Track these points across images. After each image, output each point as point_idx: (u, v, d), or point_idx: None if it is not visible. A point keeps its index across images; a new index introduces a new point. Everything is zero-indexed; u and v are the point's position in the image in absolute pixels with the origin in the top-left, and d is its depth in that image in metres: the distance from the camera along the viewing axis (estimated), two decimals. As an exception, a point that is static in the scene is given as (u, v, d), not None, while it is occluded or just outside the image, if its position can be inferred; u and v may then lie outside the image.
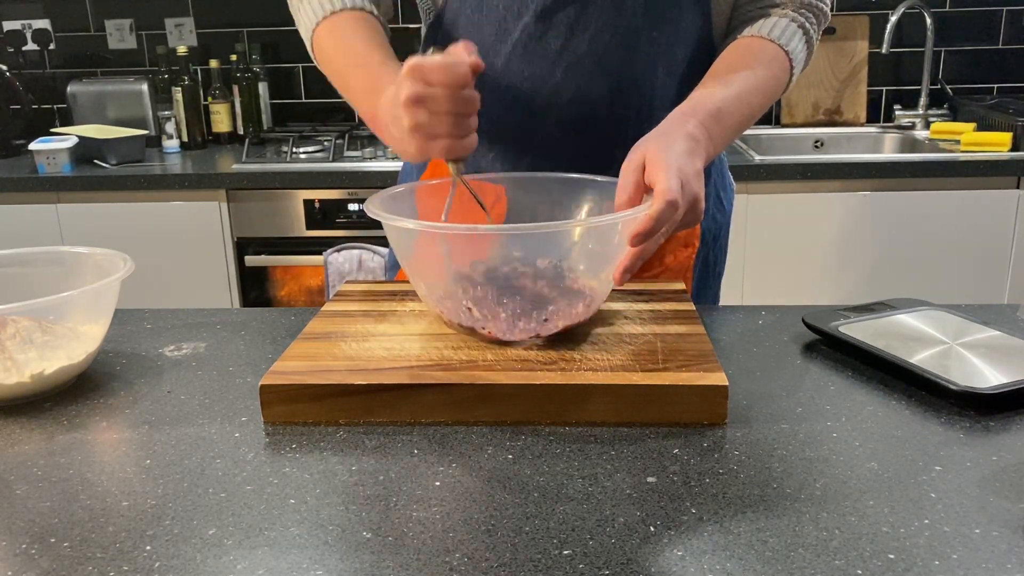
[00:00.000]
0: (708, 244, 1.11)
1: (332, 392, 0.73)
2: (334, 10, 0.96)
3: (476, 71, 0.78)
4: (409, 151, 0.82)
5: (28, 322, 0.80)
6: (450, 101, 0.77)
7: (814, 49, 1.01)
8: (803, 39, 0.98)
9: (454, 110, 0.78)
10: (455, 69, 0.76)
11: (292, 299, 2.44)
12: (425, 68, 0.76)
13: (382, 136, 0.88)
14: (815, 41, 1.00)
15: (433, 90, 0.77)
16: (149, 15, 2.84)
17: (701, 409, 0.72)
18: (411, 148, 0.81)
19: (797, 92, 2.69)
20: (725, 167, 1.16)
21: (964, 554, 0.55)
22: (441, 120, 0.78)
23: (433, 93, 0.77)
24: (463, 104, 0.78)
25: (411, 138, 0.79)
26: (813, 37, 1.00)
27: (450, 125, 0.79)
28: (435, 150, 0.80)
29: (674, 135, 0.83)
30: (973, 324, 0.87)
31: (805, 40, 0.98)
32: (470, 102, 0.78)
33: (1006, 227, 2.22)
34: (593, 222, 0.84)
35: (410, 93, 0.77)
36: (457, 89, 0.77)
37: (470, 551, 0.56)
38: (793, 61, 0.97)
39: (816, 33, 1.00)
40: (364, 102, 0.91)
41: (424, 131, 0.79)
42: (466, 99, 0.78)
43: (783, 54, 0.96)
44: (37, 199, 2.34)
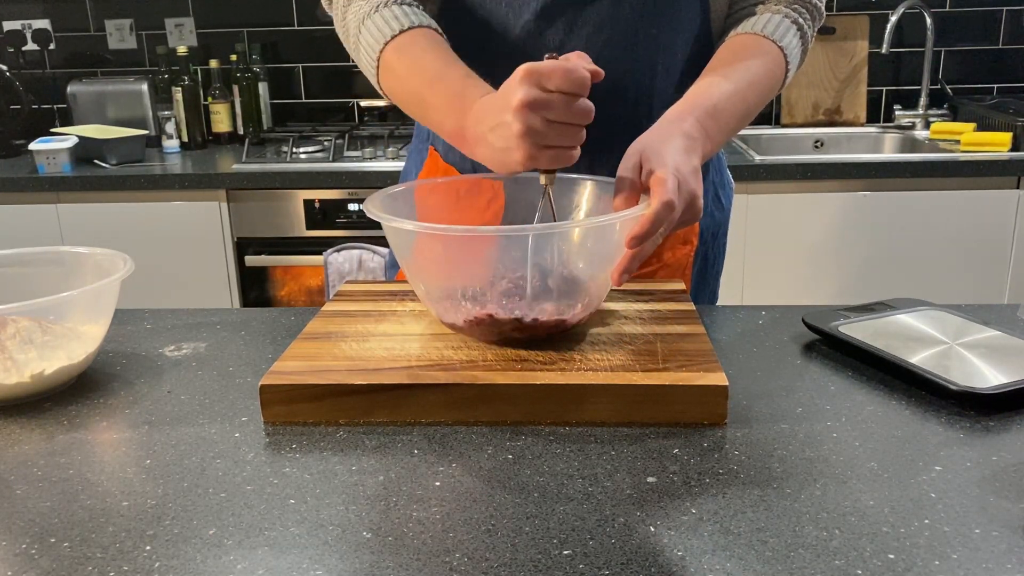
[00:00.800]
0: (707, 242, 1.11)
1: (332, 392, 0.73)
2: (402, 29, 0.91)
3: (596, 79, 0.75)
4: (513, 159, 0.77)
5: (28, 322, 0.80)
6: (567, 109, 0.74)
7: (809, 45, 1.01)
8: (797, 34, 0.98)
9: (569, 119, 0.75)
10: (575, 75, 0.73)
11: (292, 299, 2.44)
12: (544, 72, 0.73)
13: (472, 150, 0.84)
14: (810, 36, 1.00)
15: (550, 96, 0.73)
16: (149, 15, 2.84)
17: (701, 409, 0.72)
18: (518, 155, 0.76)
19: (797, 92, 2.69)
20: (724, 165, 1.16)
21: (964, 554, 0.55)
22: (555, 128, 0.75)
23: (550, 99, 0.73)
24: (579, 114, 0.75)
25: (520, 144, 0.75)
26: (807, 32, 0.99)
27: (563, 134, 0.75)
28: (543, 159, 0.77)
29: (671, 134, 0.83)
30: (973, 324, 0.87)
31: (799, 35, 0.98)
32: (586, 112, 0.75)
33: (1006, 227, 2.22)
34: (590, 223, 0.84)
35: (526, 97, 0.73)
36: (575, 97, 0.74)
37: (470, 551, 0.56)
38: (788, 57, 0.97)
39: (811, 28, 1.00)
40: (447, 116, 0.87)
41: (535, 138, 0.75)
42: (582, 109, 0.75)
43: (777, 50, 0.96)
44: (37, 199, 2.34)
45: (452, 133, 0.87)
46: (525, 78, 0.74)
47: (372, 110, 2.82)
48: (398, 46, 0.91)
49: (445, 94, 0.87)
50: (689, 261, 1.08)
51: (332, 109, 2.87)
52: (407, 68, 0.91)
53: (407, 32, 0.91)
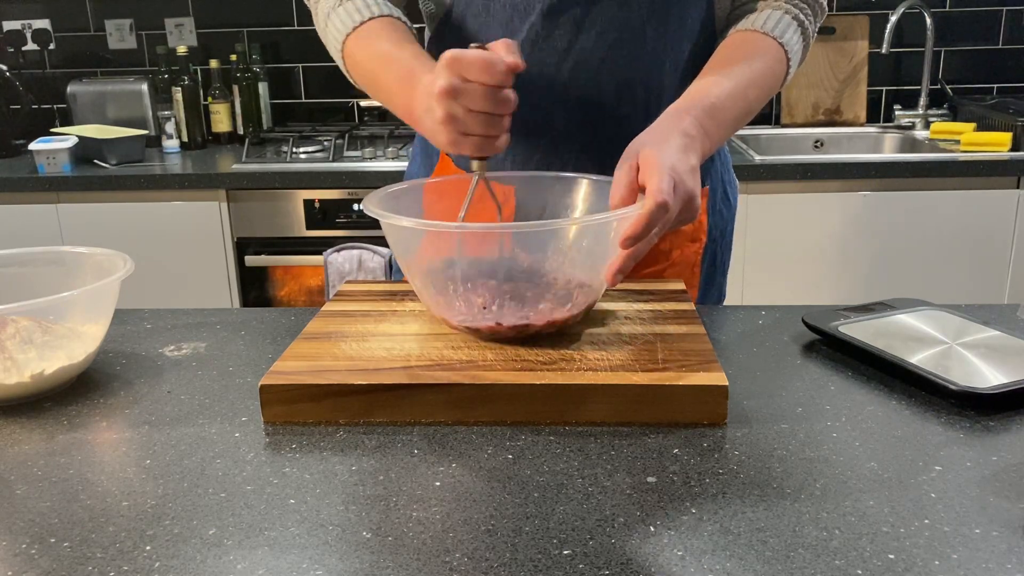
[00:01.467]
0: (715, 240, 1.11)
1: (332, 392, 0.73)
2: (362, 20, 0.95)
3: (514, 71, 0.76)
4: (440, 141, 0.81)
5: (28, 322, 0.80)
6: (485, 99, 0.76)
7: (811, 41, 1.00)
8: (798, 31, 0.97)
9: (488, 109, 0.77)
10: (494, 67, 0.75)
11: (292, 299, 2.44)
12: (464, 61, 0.75)
13: (418, 127, 0.87)
14: (812, 33, 1.00)
15: (469, 85, 0.76)
16: (149, 15, 2.84)
17: (701, 409, 0.72)
18: (441, 139, 0.80)
19: (797, 92, 2.69)
20: (729, 163, 1.16)
21: (964, 554, 0.55)
22: (474, 117, 0.77)
23: (469, 88, 0.76)
24: (498, 104, 0.77)
25: (443, 130, 0.78)
26: (809, 29, 0.99)
27: (483, 123, 0.78)
28: (466, 146, 0.79)
29: (668, 133, 0.83)
30: (973, 324, 0.87)
31: (800, 32, 0.98)
32: (505, 102, 0.77)
33: (1006, 227, 2.22)
34: (584, 221, 0.84)
35: (445, 85, 0.76)
36: (494, 88, 0.76)
37: (470, 551, 0.56)
38: (789, 53, 0.96)
39: (813, 25, 0.99)
40: (398, 94, 0.90)
41: (456, 125, 0.78)
42: (502, 99, 0.77)
43: (778, 46, 0.96)
44: (37, 199, 2.34)
45: (402, 111, 0.90)
46: (446, 66, 0.76)
47: (372, 110, 2.82)
48: (358, 36, 0.95)
49: (396, 74, 0.90)
50: (698, 259, 1.08)
51: (332, 109, 2.87)
52: (365, 54, 0.95)
53: (368, 22, 0.95)
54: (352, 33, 0.95)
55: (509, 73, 0.76)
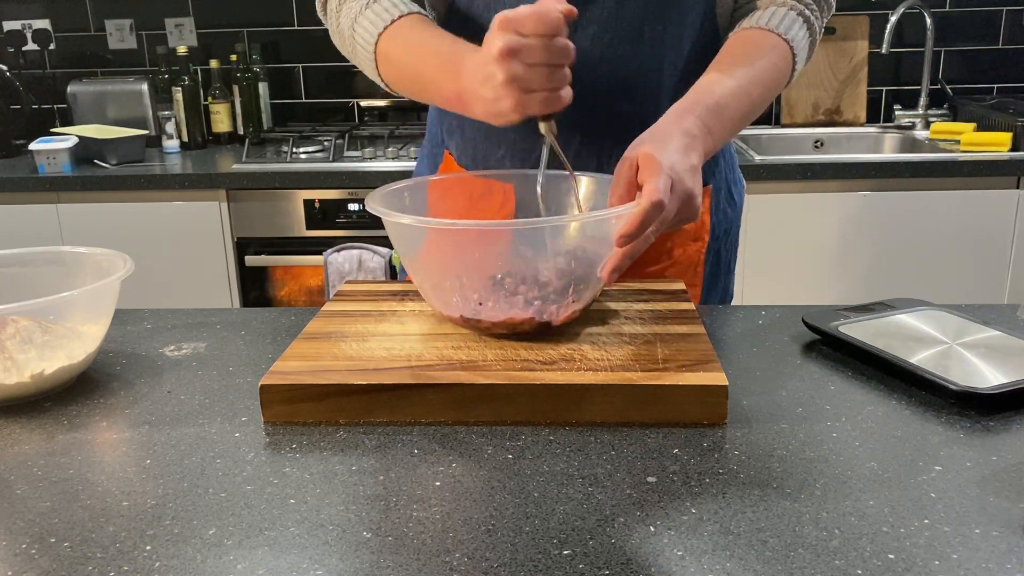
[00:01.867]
0: (719, 238, 1.10)
1: (332, 392, 0.73)
2: (392, 19, 0.93)
3: (569, 17, 0.76)
4: (504, 108, 0.79)
5: (28, 322, 0.80)
6: (545, 51, 0.75)
7: (818, 38, 1.00)
8: (804, 27, 0.97)
9: (549, 60, 0.76)
10: (548, 16, 0.74)
11: (292, 299, 2.44)
12: (517, 18, 0.75)
13: (470, 108, 0.84)
14: (818, 29, 0.99)
15: (527, 40, 0.75)
16: (149, 15, 2.84)
17: (701, 409, 0.72)
18: (507, 104, 0.78)
19: (797, 92, 2.69)
20: (735, 162, 1.15)
21: (964, 554, 0.55)
22: (537, 71, 0.76)
23: (527, 43, 0.75)
24: (558, 54, 0.76)
25: (507, 93, 0.77)
26: (815, 26, 0.98)
27: (546, 76, 0.77)
28: (533, 104, 0.78)
29: (670, 133, 0.83)
30: (973, 324, 0.87)
31: (807, 28, 0.97)
32: (565, 51, 0.76)
33: (1006, 227, 2.22)
34: (579, 218, 0.84)
35: (503, 45, 0.75)
36: (551, 38, 0.75)
37: (470, 551, 0.56)
38: (795, 50, 0.96)
39: (819, 22, 0.99)
40: (444, 82, 0.87)
41: (520, 84, 0.76)
42: (561, 48, 0.76)
43: (783, 43, 0.95)
44: (37, 199, 2.34)
45: (450, 97, 0.88)
46: (500, 27, 0.76)
47: (372, 110, 2.82)
48: (389, 35, 0.93)
49: (437, 62, 0.89)
50: (700, 258, 1.08)
51: (332, 109, 2.87)
52: (399, 52, 0.93)
53: (396, 22, 0.93)
54: (383, 33, 0.93)
55: (564, 21, 0.75)
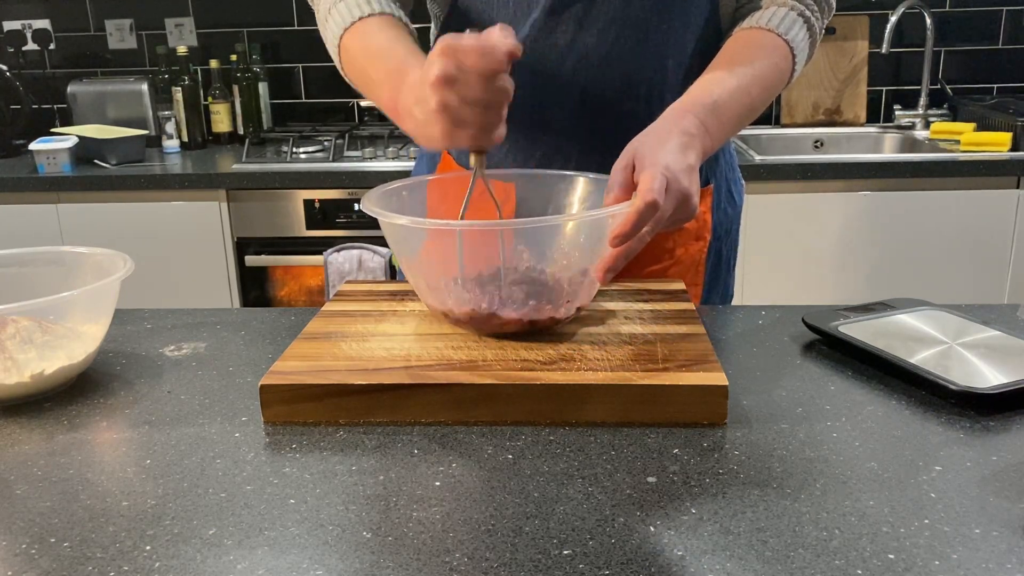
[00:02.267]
0: (720, 238, 1.10)
1: (332, 392, 0.73)
2: (361, 15, 0.93)
3: (512, 57, 0.72)
4: (432, 134, 0.76)
5: (28, 322, 0.80)
6: (482, 88, 0.73)
7: (818, 39, 1.00)
8: (804, 27, 0.97)
9: (485, 98, 0.73)
10: (491, 53, 0.71)
11: (292, 299, 2.44)
12: (459, 49, 0.72)
13: (403, 123, 0.83)
14: (819, 29, 0.99)
15: (466, 74, 0.72)
16: (149, 15, 2.84)
17: (701, 409, 0.72)
18: (435, 131, 0.75)
19: (797, 92, 2.69)
20: (735, 161, 1.15)
21: (964, 554, 0.55)
22: (470, 107, 0.73)
23: (464, 77, 0.72)
24: (496, 93, 0.73)
25: (436, 120, 0.74)
26: (816, 26, 0.98)
27: (480, 114, 0.74)
28: (461, 137, 0.76)
29: (668, 132, 0.83)
30: (973, 324, 0.87)
31: (807, 28, 0.97)
32: (503, 92, 0.74)
33: (1006, 227, 2.22)
34: (574, 217, 0.84)
35: (440, 72, 0.72)
36: (491, 76, 0.72)
37: (470, 551, 0.56)
38: (795, 51, 0.96)
39: (820, 22, 0.99)
40: (384, 89, 0.86)
41: (451, 115, 0.74)
42: (499, 88, 0.73)
43: (783, 43, 0.95)
44: (37, 199, 2.34)
45: (387, 106, 0.87)
46: (441, 53, 0.72)
47: (372, 110, 2.82)
48: (355, 31, 0.94)
49: (385, 69, 0.88)
50: (702, 257, 1.08)
51: (332, 109, 2.87)
52: (358, 49, 0.93)
53: (366, 19, 0.93)
54: (349, 28, 0.94)
55: (507, 59, 0.72)
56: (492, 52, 0.71)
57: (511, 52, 0.72)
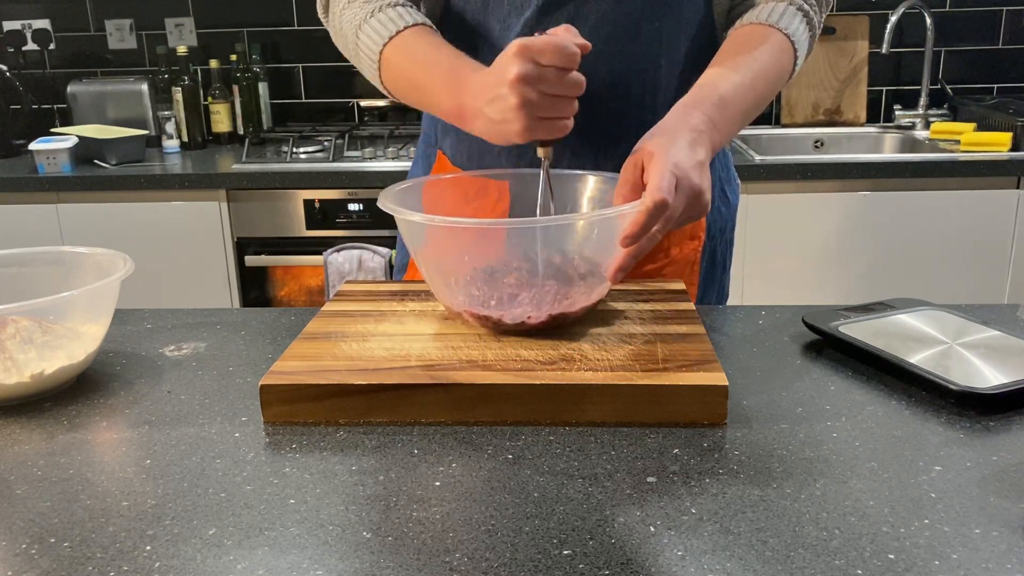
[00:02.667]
0: (715, 237, 1.10)
1: (332, 392, 0.73)
2: (398, 30, 0.95)
3: (584, 52, 0.79)
4: (511, 130, 0.81)
5: (28, 322, 0.80)
6: (559, 82, 0.78)
7: (817, 32, 1.00)
8: (803, 21, 0.97)
9: (562, 91, 0.79)
10: (566, 50, 0.77)
11: (292, 299, 2.44)
12: (536, 48, 0.77)
13: (470, 124, 0.87)
14: (817, 24, 0.99)
15: (544, 70, 0.77)
16: (149, 15, 2.84)
17: (701, 409, 0.72)
18: (516, 126, 0.80)
19: (797, 92, 2.69)
20: (730, 161, 1.16)
21: (964, 554, 0.55)
22: (549, 100, 0.79)
23: (544, 73, 0.78)
24: (571, 86, 0.79)
25: (517, 116, 0.79)
26: (815, 19, 0.99)
27: (557, 106, 0.80)
28: (540, 129, 0.81)
29: (676, 130, 0.83)
30: (973, 324, 0.87)
31: (806, 22, 0.98)
32: (577, 85, 0.79)
33: (1006, 227, 2.22)
34: (582, 217, 0.85)
35: (521, 71, 0.77)
36: (567, 71, 0.78)
37: (470, 551, 0.56)
38: (796, 45, 0.96)
39: (818, 15, 0.99)
40: (444, 95, 0.90)
41: (531, 110, 0.79)
42: (573, 81, 0.79)
43: (784, 38, 0.95)
44: (37, 199, 2.34)
45: (450, 111, 0.90)
46: (519, 53, 0.78)
47: (372, 110, 2.82)
48: (395, 45, 0.94)
49: (439, 74, 0.91)
50: (697, 257, 1.08)
51: (332, 109, 2.87)
52: (403, 61, 0.94)
53: (402, 32, 0.94)
54: (389, 43, 0.94)
55: (578, 56, 0.78)
56: (566, 49, 0.77)
57: (583, 47, 0.79)
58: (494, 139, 0.84)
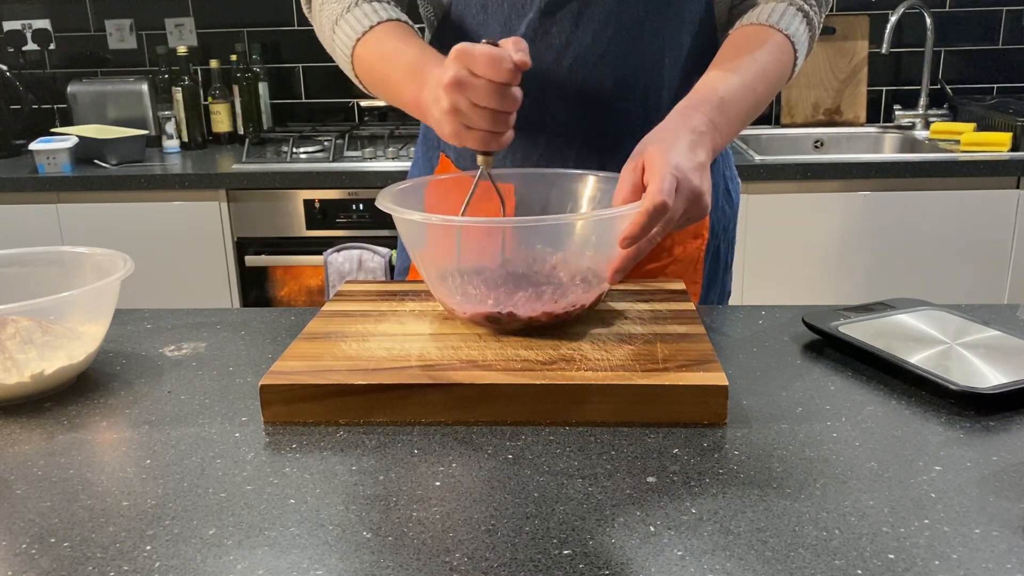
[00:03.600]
0: (718, 235, 1.10)
1: (332, 392, 0.73)
2: (371, 25, 0.95)
3: (521, 69, 0.77)
4: (443, 133, 0.82)
5: (28, 322, 0.80)
6: (490, 95, 0.77)
7: (817, 32, 1.00)
8: (803, 21, 0.97)
9: (493, 105, 0.77)
10: (501, 63, 0.75)
11: (292, 299, 2.44)
12: (471, 55, 0.76)
13: (426, 118, 0.87)
14: (817, 24, 0.99)
15: (476, 80, 0.76)
16: (149, 15, 2.84)
17: (701, 409, 0.72)
18: (446, 130, 0.81)
19: (797, 92, 2.69)
20: (731, 160, 1.16)
21: (964, 554, 0.55)
22: (478, 111, 0.78)
23: (475, 82, 0.77)
24: (503, 101, 0.77)
25: (447, 121, 0.79)
26: (814, 19, 0.99)
27: (487, 119, 0.78)
28: (469, 139, 0.80)
29: (677, 132, 0.83)
30: (973, 324, 0.87)
31: (806, 23, 0.98)
32: (511, 99, 0.78)
33: (1006, 227, 2.22)
34: (582, 217, 0.85)
35: (452, 76, 0.77)
36: (500, 84, 0.76)
37: (470, 551, 0.56)
38: (796, 45, 0.96)
39: (818, 16, 0.99)
40: (406, 86, 0.90)
41: (460, 118, 0.79)
42: (507, 96, 0.77)
43: (784, 38, 0.95)
44: (37, 199, 2.34)
45: (410, 102, 0.90)
46: (455, 59, 0.77)
47: (372, 110, 2.82)
48: (366, 41, 0.95)
49: (403, 66, 0.91)
50: (700, 255, 1.08)
51: (332, 109, 2.87)
52: (373, 57, 0.95)
53: (374, 28, 0.95)
54: (361, 39, 0.95)
55: (516, 71, 0.76)
56: (501, 62, 0.75)
57: (520, 64, 0.76)
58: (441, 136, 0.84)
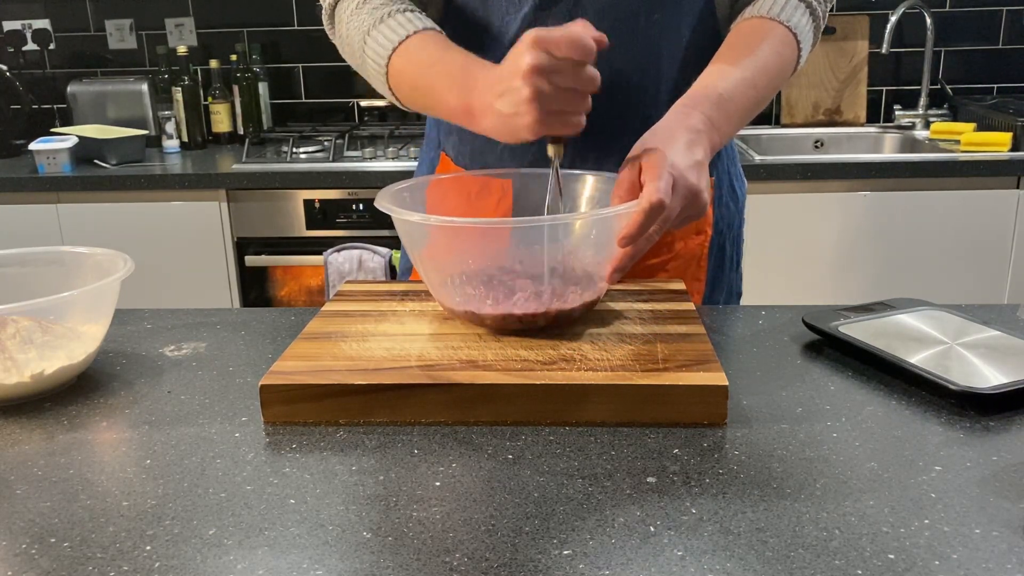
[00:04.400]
0: (723, 232, 1.09)
1: (332, 392, 0.73)
2: (407, 34, 0.93)
3: (601, 46, 0.76)
4: (522, 123, 0.78)
5: (28, 322, 0.80)
6: (575, 76, 0.76)
7: (822, 23, 0.99)
8: (807, 14, 0.96)
9: (576, 85, 0.76)
10: (582, 42, 0.74)
11: (292, 299, 2.44)
12: (551, 39, 0.75)
13: (478, 122, 0.84)
14: (822, 15, 0.98)
15: (559, 62, 0.75)
16: (149, 15, 2.84)
17: (701, 409, 0.72)
18: (527, 119, 0.77)
19: (797, 92, 2.69)
20: (736, 156, 1.15)
21: (964, 554, 0.55)
22: (563, 93, 0.77)
23: (558, 65, 0.75)
24: (586, 81, 0.77)
25: (529, 109, 0.76)
26: (818, 10, 0.97)
27: (571, 100, 0.77)
28: (553, 124, 0.78)
29: (673, 130, 0.83)
30: (973, 324, 0.87)
31: (810, 15, 0.96)
32: (592, 79, 0.77)
33: (1006, 227, 2.22)
34: (578, 216, 0.85)
35: (535, 62, 0.75)
36: (582, 64, 0.76)
37: (470, 551, 0.56)
38: (799, 37, 0.95)
39: (822, 7, 0.98)
40: (450, 93, 0.87)
41: (544, 102, 0.76)
42: (588, 75, 0.77)
43: (786, 31, 0.94)
44: (37, 199, 2.34)
45: (457, 109, 0.87)
46: (533, 44, 0.75)
47: (372, 110, 2.83)
48: (401, 52, 0.92)
49: (446, 73, 0.88)
50: (704, 252, 1.07)
51: (332, 109, 2.87)
52: (409, 65, 0.92)
53: (410, 38, 0.92)
54: (397, 49, 0.92)
55: (594, 49, 0.76)
56: (582, 41, 0.75)
57: (599, 40, 0.76)
58: (504, 136, 0.82)
